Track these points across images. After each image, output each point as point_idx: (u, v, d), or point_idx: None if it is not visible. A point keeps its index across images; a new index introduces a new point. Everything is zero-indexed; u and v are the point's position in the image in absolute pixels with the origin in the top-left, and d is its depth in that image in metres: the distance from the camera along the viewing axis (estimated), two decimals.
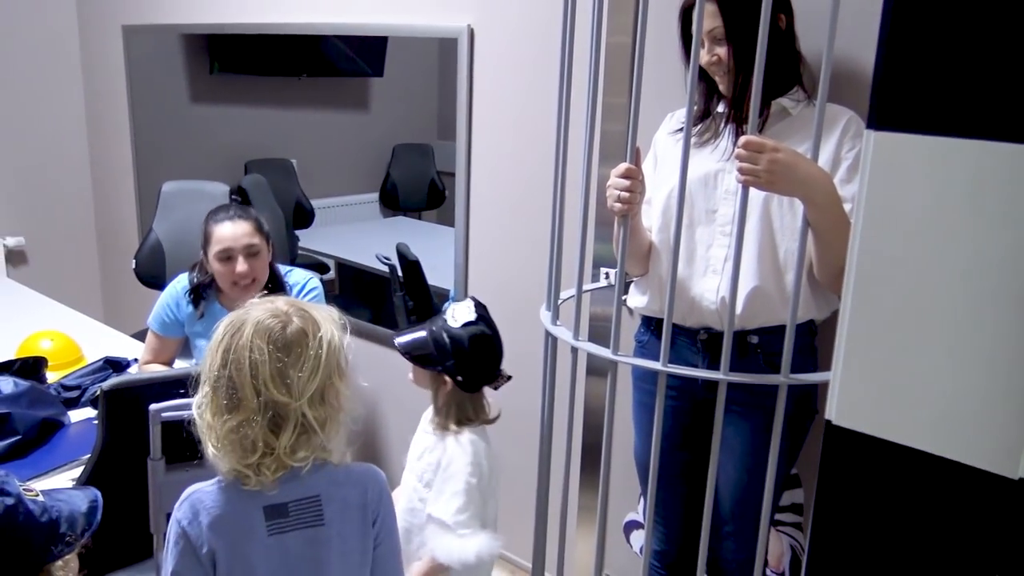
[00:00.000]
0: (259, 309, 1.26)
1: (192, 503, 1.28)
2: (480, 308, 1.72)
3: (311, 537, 1.29)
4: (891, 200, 0.88)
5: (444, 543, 1.65)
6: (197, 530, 1.26)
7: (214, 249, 2.21)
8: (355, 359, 1.35)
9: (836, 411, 0.93)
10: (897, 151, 0.86)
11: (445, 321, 1.70)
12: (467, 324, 1.68)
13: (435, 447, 1.73)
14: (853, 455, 0.92)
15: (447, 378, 1.70)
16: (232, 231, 2.21)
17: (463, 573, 1.68)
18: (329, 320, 1.28)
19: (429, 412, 1.80)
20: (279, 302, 1.28)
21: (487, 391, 1.78)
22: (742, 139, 1.38)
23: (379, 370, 3.04)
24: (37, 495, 1.19)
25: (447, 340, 1.68)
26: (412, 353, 1.73)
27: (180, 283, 2.40)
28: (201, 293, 2.34)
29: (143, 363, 2.45)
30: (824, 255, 1.49)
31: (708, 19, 1.57)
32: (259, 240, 2.25)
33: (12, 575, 1.13)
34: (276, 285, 2.31)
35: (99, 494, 1.27)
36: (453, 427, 1.70)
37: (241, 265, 2.20)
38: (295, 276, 2.44)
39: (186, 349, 2.51)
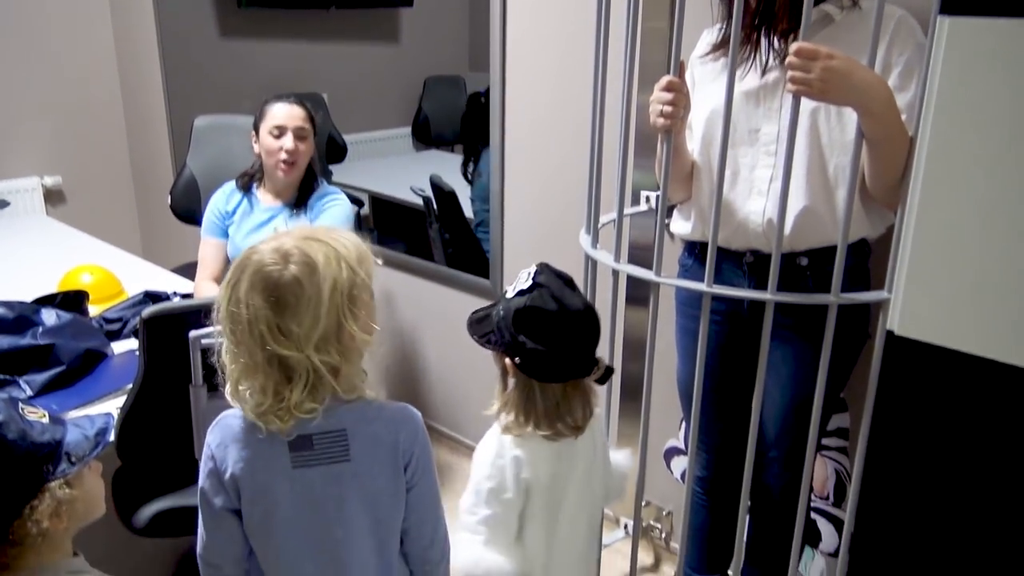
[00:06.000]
0: (266, 248, 1.20)
1: (221, 428, 1.29)
2: (544, 276, 1.43)
3: (336, 473, 1.26)
4: (965, 92, 0.82)
5: (456, 535, 1.48)
6: (222, 454, 1.27)
7: (268, 125, 2.40)
8: (391, 293, 1.30)
9: (899, 321, 0.89)
10: (972, 38, 0.80)
11: (505, 293, 1.46)
12: (520, 293, 1.41)
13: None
14: (917, 366, 0.88)
15: (508, 360, 1.44)
16: (288, 111, 2.41)
17: None
18: (333, 259, 1.19)
19: None
20: (289, 239, 1.21)
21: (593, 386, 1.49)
22: (794, 46, 1.31)
23: (416, 303, 3.04)
24: (42, 416, 1.20)
25: (501, 311, 1.43)
26: (470, 324, 1.51)
27: (228, 185, 2.59)
28: (250, 180, 2.54)
29: (199, 280, 2.56)
30: (879, 168, 1.42)
31: None
32: (309, 127, 2.44)
33: (5, 489, 1.15)
34: (308, 182, 2.49)
35: (112, 418, 1.29)
36: (508, 422, 1.45)
37: (289, 143, 2.39)
38: (328, 188, 2.55)
39: None
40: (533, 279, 1.41)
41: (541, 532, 1.49)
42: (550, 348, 1.38)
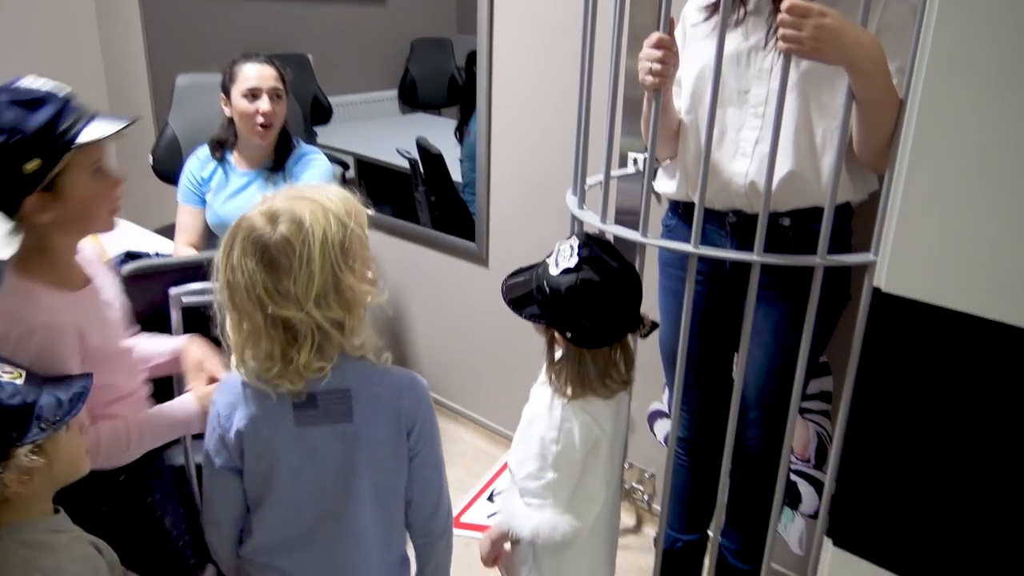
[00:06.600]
0: (255, 212, 1.20)
1: (228, 387, 1.29)
2: (587, 249, 1.41)
3: (340, 433, 1.26)
4: (958, 49, 0.81)
5: (509, 503, 1.50)
6: (228, 412, 1.27)
7: (241, 87, 2.31)
8: (377, 256, 1.28)
9: (886, 278, 0.89)
10: None
11: (547, 266, 1.43)
12: (567, 271, 1.39)
13: (536, 391, 1.53)
14: (903, 323, 0.88)
15: (557, 333, 1.44)
16: (260, 72, 2.32)
17: (548, 548, 1.50)
18: (321, 214, 1.18)
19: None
20: (277, 200, 1.20)
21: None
22: (786, 3, 1.29)
23: (403, 266, 3.02)
24: (17, 376, 1.16)
25: (547, 288, 1.40)
26: (508, 297, 1.47)
27: (202, 151, 2.51)
28: (223, 147, 2.46)
29: (178, 246, 2.52)
30: (868, 130, 1.42)
31: None
32: (282, 86, 2.36)
33: None
34: (284, 144, 2.42)
35: (90, 383, 1.23)
36: (568, 392, 1.44)
37: (266, 104, 2.30)
38: (304, 148, 2.49)
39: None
40: (579, 255, 1.39)
41: (602, 483, 1.52)
42: (607, 319, 1.40)
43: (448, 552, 1.47)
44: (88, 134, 1.30)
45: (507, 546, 1.58)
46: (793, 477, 2.08)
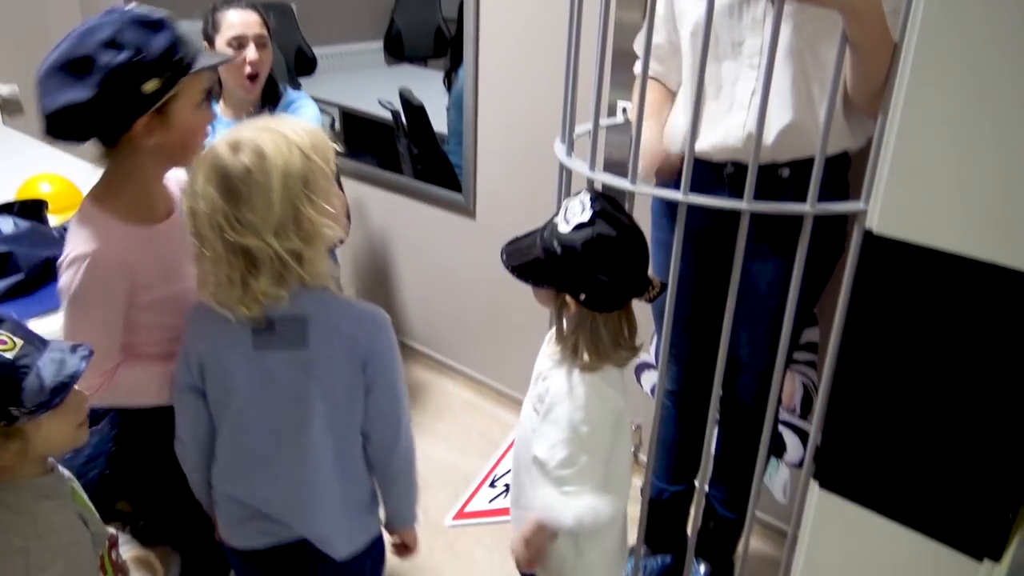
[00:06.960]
0: (220, 142, 1.22)
1: (195, 311, 1.33)
2: (600, 203, 1.34)
3: (296, 360, 1.29)
4: None
5: (544, 496, 1.42)
6: (192, 333, 1.32)
7: (225, 35, 2.23)
8: (362, 207, 1.28)
9: (878, 220, 0.88)
10: None
11: (556, 225, 1.35)
12: (580, 226, 1.32)
13: (548, 374, 1.45)
14: (894, 266, 0.87)
15: (568, 298, 1.37)
16: (244, 18, 2.24)
17: (590, 534, 1.46)
18: (284, 146, 1.19)
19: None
20: (244, 130, 1.22)
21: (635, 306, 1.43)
22: None
23: (390, 217, 3.00)
24: (10, 348, 1.06)
25: (558, 248, 1.33)
26: (513, 263, 1.39)
27: None
28: (208, 96, 2.35)
29: None
30: (863, 74, 1.40)
31: None
32: (266, 32, 2.29)
33: None
34: (271, 91, 2.36)
35: (83, 367, 1.12)
36: (586, 361, 1.38)
37: (253, 53, 2.24)
38: (291, 95, 2.44)
39: None
40: (592, 208, 1.32)
41: (627, 455, 1.51)
42: (623, 276, 1.34)
43: (408, 494, 1.48)
44: (203, 61, 1.33)
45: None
46: (779, 427, 2.09)
